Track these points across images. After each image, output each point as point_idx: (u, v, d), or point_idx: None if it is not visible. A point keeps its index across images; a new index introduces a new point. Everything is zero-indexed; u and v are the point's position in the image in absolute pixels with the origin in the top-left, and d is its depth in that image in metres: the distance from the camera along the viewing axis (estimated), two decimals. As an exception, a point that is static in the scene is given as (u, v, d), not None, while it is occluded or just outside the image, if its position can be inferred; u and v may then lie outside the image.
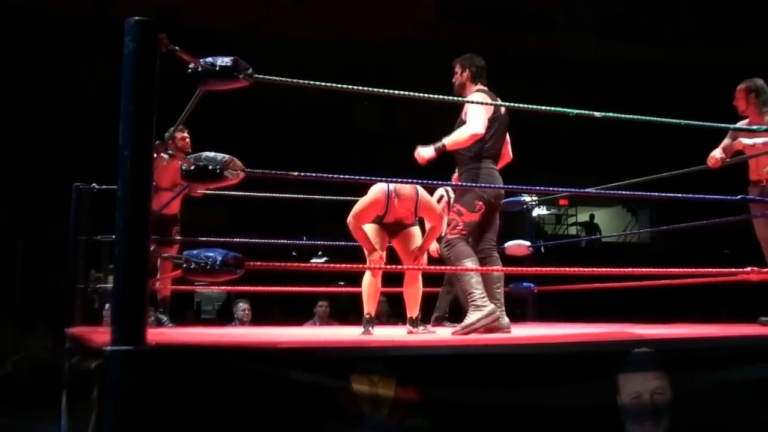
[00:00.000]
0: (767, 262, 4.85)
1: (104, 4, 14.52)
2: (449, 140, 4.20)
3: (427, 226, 4.82)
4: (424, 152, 4.22)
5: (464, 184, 4.26)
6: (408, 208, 4.58)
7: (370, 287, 4.66)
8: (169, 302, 6.17)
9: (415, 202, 4.58)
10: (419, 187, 4.62)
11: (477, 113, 4.17)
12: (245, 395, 2.50)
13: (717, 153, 5.12)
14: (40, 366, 9.67)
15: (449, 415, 2.74)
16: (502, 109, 4.35)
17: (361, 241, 4.58)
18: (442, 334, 4.48)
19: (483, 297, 4.05)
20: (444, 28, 16.83)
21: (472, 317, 4.01)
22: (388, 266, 4.85)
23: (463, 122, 4.27)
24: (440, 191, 5.86)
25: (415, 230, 4.78)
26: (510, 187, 6.39)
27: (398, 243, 4.76)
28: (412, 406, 2.67)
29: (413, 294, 4.71)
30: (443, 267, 4.51)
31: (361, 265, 4.72)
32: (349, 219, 4.57)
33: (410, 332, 4.62)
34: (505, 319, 4.20)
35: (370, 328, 4.54)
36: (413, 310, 4.71)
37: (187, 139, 6.00)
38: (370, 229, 4.62)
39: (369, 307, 4.61)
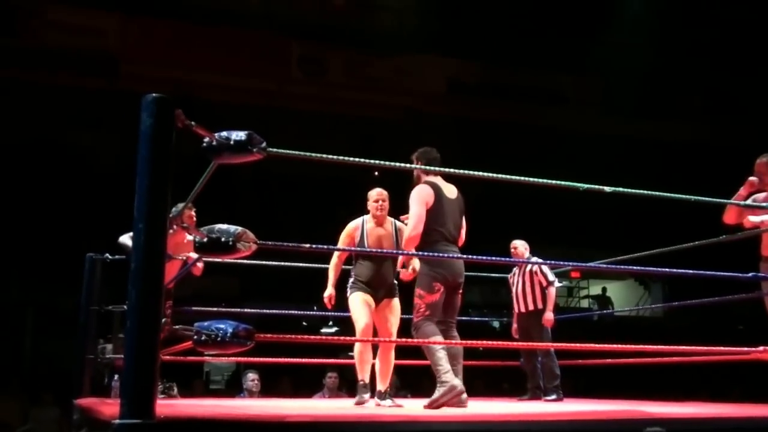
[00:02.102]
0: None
1: (118, 78, 14.83)
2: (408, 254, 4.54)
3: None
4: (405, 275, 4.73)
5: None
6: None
7: (360, 354, 4.90)
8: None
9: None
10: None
11: (412, 215, 4.46)
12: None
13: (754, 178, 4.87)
14: (46, 437, 9.56)
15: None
16: (453, 195, 4.62)
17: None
18: (413, 407, 4.48)
19: (447, 372, 4.22)
20: (454, 101, 17.07)
21: (438, 392, 4.19)
22: (378, 338, 4.93)
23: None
24: None
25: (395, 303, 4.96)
26: (519, 261, 6.43)
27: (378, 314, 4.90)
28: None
29: (386, 367, 4.84)
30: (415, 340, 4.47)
31: (359, 338, 4.76)
32: None
33: (378, 405, 4.72)
34: (464, 395, 4.30)
35: (365, 395, 4.81)
36: (384, 383, 4.80)
37: (194, 218, 6.00)
38: (359, 299, 4.84)
39: (362, 374, 4.85)
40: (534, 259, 6.37)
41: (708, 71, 18.27)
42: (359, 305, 4.80)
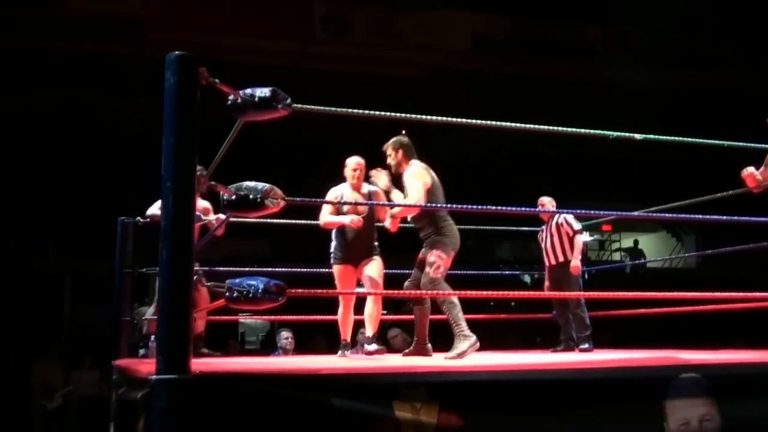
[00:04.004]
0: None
1: (144, 44, 14.85)
2: (397, 211, 4.85)
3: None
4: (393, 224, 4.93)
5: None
6: None
7: (342, 317, 5.21)
8: (203, 337, 6.20)
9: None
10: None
11: (414, 191, 4.67)
12: (288, 422, 2.50)
13: (752, 168, 4.86)
14: (87, 399, 9.78)
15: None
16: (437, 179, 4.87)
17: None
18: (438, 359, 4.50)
19: (466, 326, 4.47)
20: (480, 57, 16.88)
21: (464, 344, 4.38)
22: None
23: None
24: None
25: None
26: (556, 210, 6.40)
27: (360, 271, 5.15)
28: (456, 433, 2.65)
29: (376, 314, 5.14)
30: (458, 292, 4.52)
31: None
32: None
33: (367, 351, 5.05)
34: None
35: (346, 351, 5.17)
36: (372, 329, 5.10)
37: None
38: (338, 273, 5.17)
39: (345, 334, 5.19)
40: (559, 211, 6.40)
41: (740, 19, 17.84)
42: (339, 280, 5.14)
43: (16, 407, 9.74)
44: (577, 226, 6.35)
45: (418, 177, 4.69)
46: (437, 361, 4.29)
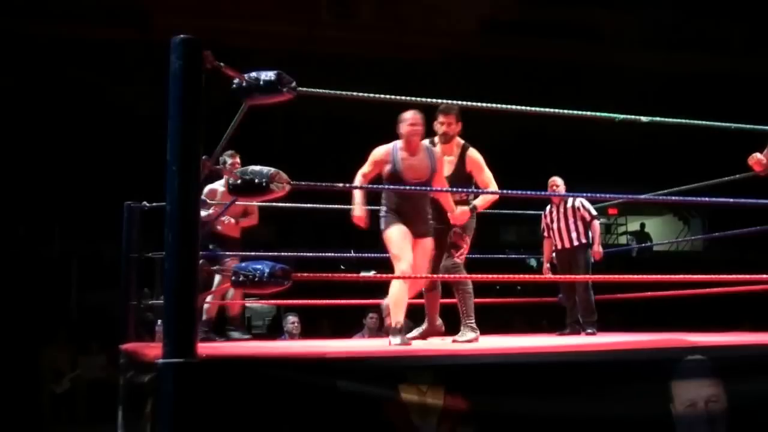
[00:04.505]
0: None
1: (150, 30, 14.84)
2: (480, 201, 4.59)
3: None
4: (463, 215, 4.54)
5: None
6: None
7: (400, 294, 4.29)
8: (239, 318, 6.31)
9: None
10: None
11: (489, 179, 4.57)
12: (294, 406, 2.51)
13: (758, 155, 4.89)
14: (96, 383, 9.84)
15: (500, 424, 2.72)
16: None
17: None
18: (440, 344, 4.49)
19: (474, 321, 4.45)
20: (487, 40, 16.81)
21: (470, 335, 4.38)
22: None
23: (466, 173, 4.61)
24: None
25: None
26: (564, 194, 6.38)
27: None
28: (462, 416, 2.66)
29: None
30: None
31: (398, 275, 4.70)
32: None
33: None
34: None
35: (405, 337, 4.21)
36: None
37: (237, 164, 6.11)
38: (397, 233, 4.29)
39: (398, 316, 4.20)
40: (573, 195, 6.38)
41: (747, 1, 17.71)
42: (399, 239, 4.22)
43: (24, 392, 9.81)
44: (594, 212, 6.36)
45: (483, 160, 4.53)
46: (443, 344, 4.29)
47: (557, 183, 6.39)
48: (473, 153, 4.61)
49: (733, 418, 2.99)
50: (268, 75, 2.84)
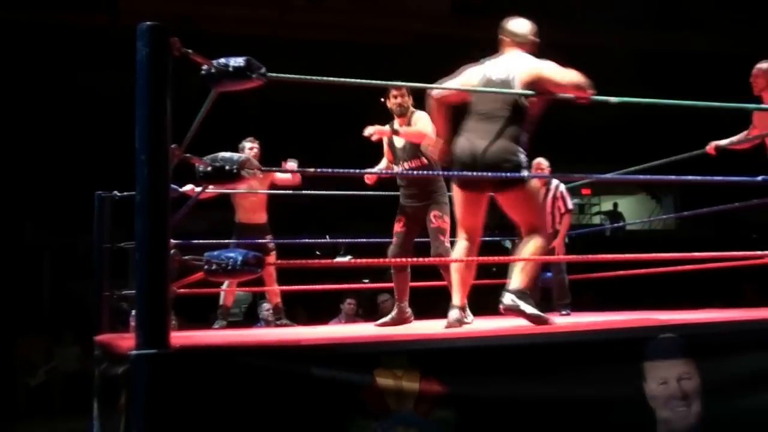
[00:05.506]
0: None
1: (120, 15, 14.63)
2: (413, 131, 4.74)
3: None
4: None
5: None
6: None
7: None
8: (281, 307, 6.40)
9: None
10: None
11: (428, 121, 4.54)
12: (269, 394, 2.51)
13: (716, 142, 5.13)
14: (71, 375, 9.78)
15: (476, 406, 2.73)
16: None
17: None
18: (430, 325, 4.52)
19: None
20: (459, 21, 16.77)
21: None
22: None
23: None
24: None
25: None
26: (534, 175, 6.40)
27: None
28: (439, 399, 2.67)
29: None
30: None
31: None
32: None
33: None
34: None
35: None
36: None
37: (255, 150, 6.37)
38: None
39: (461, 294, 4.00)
40: (556, 182, 6.42)
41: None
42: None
43: (-2, 385, 9.74)
44: (570, 206, 6.43)
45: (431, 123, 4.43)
46: (417, 328, 4.30)
47: (543, 165, 6.42)
48: (418, 112, 4.76)
49: (706, 394, 3.03)
50: (237, 61, 2.81)
